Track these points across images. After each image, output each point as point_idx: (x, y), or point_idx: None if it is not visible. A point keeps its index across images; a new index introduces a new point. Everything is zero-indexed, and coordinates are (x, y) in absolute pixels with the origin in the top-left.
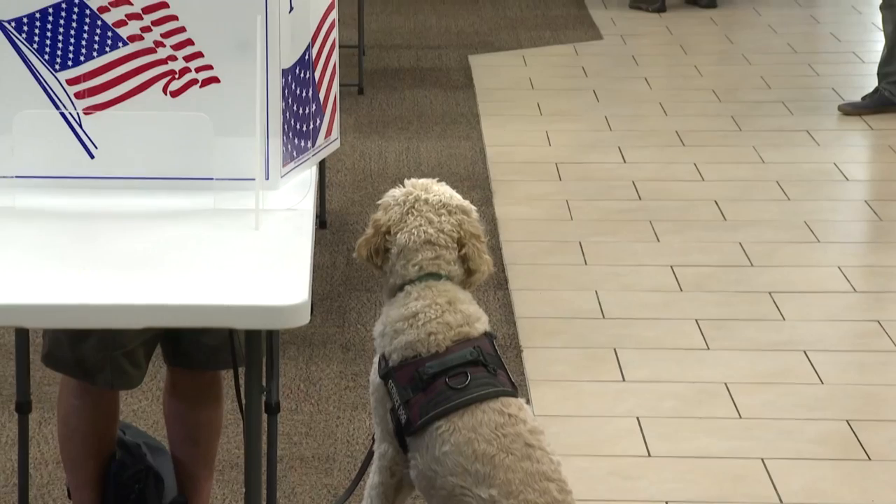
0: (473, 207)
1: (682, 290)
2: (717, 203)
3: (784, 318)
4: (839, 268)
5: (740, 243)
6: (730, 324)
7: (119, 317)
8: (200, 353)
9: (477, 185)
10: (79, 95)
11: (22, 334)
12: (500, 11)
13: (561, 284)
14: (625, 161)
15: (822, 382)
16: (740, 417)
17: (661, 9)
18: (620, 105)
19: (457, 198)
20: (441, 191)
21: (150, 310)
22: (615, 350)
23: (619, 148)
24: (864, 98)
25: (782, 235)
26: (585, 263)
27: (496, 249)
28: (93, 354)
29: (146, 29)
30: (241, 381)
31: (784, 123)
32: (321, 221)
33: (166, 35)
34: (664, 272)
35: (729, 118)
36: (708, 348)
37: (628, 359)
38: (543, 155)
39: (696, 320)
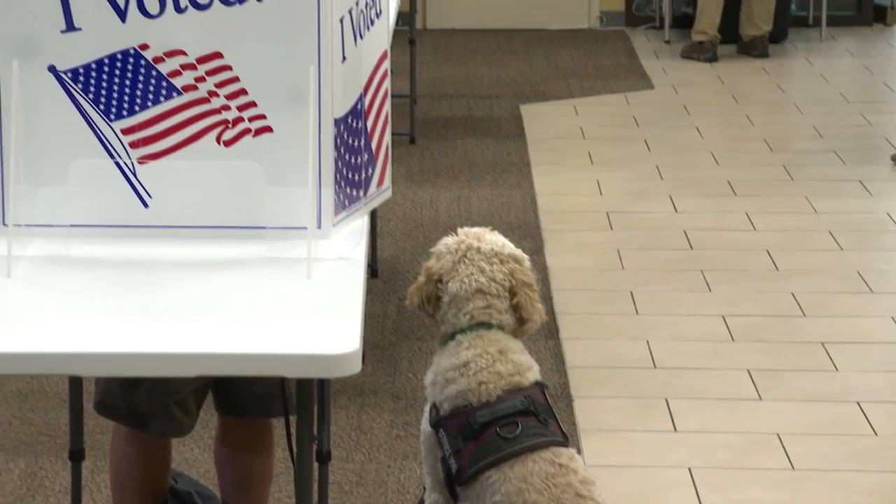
0: (526, 256)
1: (733, 340)
2: (768, 252)
3: (837, 369)
4: (892, 318)
5: (792, 293)
6: (782, 374)
7: (171, 365)
8: (251, 401)
9: (528, 233)
10: (133, 145)
11: (75, 382)
12: (552, 61)
13: (612, 334)
14: (676, 210)
15: (876, 434)
16: (793, 469)
17: (713, 58)
18: (672, 154)
19: (509, 246)
20: (493, 239)
21: (203, 358)
22: (666, 400)
23: (671, 197)
24: None
25: (835, 285)
26: (637, 313)
27: (547, 298)
28: (144, 402)
29: (200, 79)
30: (293, 430)
31: (836, 173)
32: (372, 270)
33: (220, 85)
34: (716, 321)
35: (781, 167)
36: (760, 398)
37: (680, 408)
38: (594, 204)
39: (748, 370)
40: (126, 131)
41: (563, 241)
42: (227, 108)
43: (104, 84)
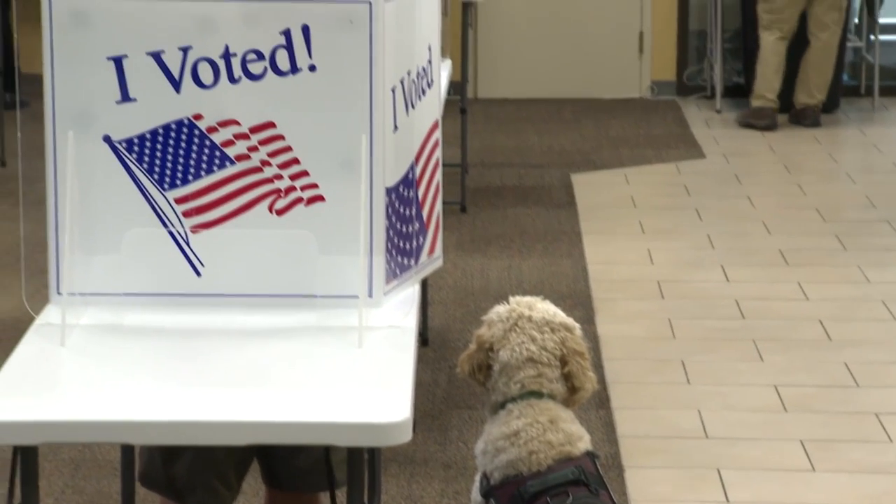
0: (577, 325)
1: (786, 410)
2: (821, 322)
3: (891, 440)
4: None
5: (845, 363)
6: (835, 445)
7: (223, 433)
8: (294, 475)
9: (579, 302)
10: (186, 214)
11: (127, 451)
12: (603, 130)
13: (663, 403)
14: (728, 279)
15: None
16: None
17: (772, 126)
18: (723, 223)
19: (560, 315)
20: (544, 308)
21: (254, 426)
22: (718, 470)
23: (722, 266)
24: None
25: (888, 355)
26: (688, 382)
27: (598, 367)
28: (185, 475)
29: (253, 149)
30: (342, 501)
31: (889, 243)
32: (423, 339)
33: (273, 154)
34: (768, 391)
35: (833, 237)
36: (813, 469)
37: (732, 479)
38: (645, 273)
39: (801, 441)
40: (179, 200)
41: (615, 310)
42: (279, 177)
43: (158, 154)
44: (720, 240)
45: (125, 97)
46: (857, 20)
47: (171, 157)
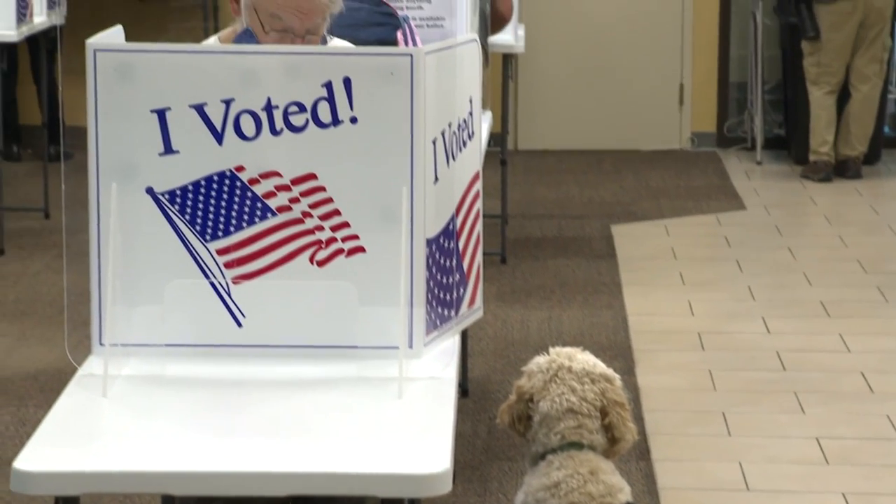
0: (617, 375)
1: (828, 463)
2: (863, 374)
3: None
4: None
5: (888, 415)
6: (878, 498)
7: (264, 484)
8: None
9: (619, 354)
10: (228, 265)
11: (168, 502)
12: (643, 182)
13: (704, 455)
14: (769, 331)
15: None
16: None
17: (827, 178)
18: (764, 275)
19: (600, 366)
20: (585, 359)
21: (294, 477)
22: None
23: (763, 318)
24: None
25: None
26: (729, 434)
27: (639, 419)
28: None
29: (294, 200)
30: None
31: None
32: (463, 390)
33: (314, 206)
34: (810, 444)
35: (875, 289)
36: None
37: None
38: (686, 324)
39: (843, 494)
40: (221, 252)
41: (655, 361)
42: (320, 228)
43: (200, 205)
44: (761, 291)
45: (168, 149)
46: None
47: (213, 209)
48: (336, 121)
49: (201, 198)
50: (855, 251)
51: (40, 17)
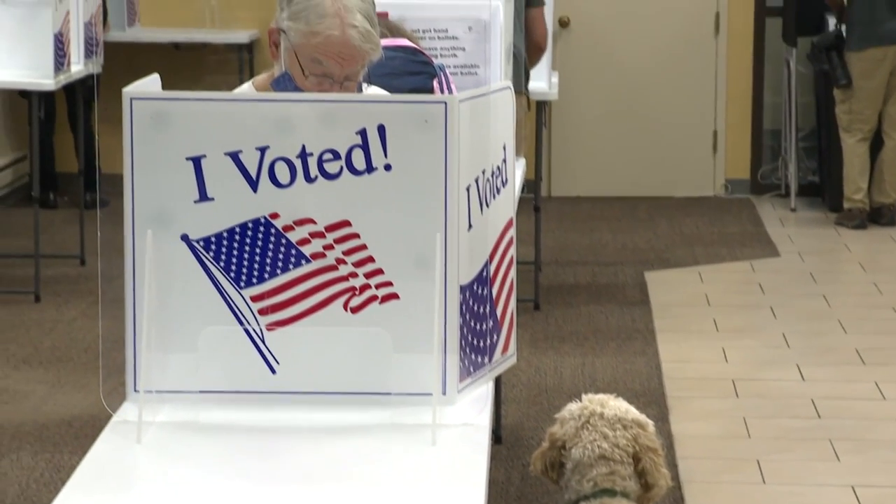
0: (650, 421)
1: None
2: None
3: None
4: None
5: None
6: None
7: None
8: None
9: (653, 401)
10: (262, 312)
11: None
12: (676, 228)
13: (739, 503)
14: (803, 378)
15: None
16: None
17: (861, 226)
18: (798, 322)
19: (633, 412)
20: (617, 405)
21: None
22: None
23: (798, 365)
24: None
25: None
26: (763, 482)
27: (672, 466)
28: None
29: (329, 247)
30: None
31: None
32: (497, 436)
33: (348, 252)
34: (845, 492)
35: None
36: None
37: None
38: (720, 371)
39: None
40: (255, 298)
41: (689, 408)
42: (354, 275)
43: (235, 252)
44: (795, 338)
45: (203, 196)
46: None
47: (248, 256)
48: (370, 168)
49: (236, 245)
50: (890, 298)
51: (78, 66)
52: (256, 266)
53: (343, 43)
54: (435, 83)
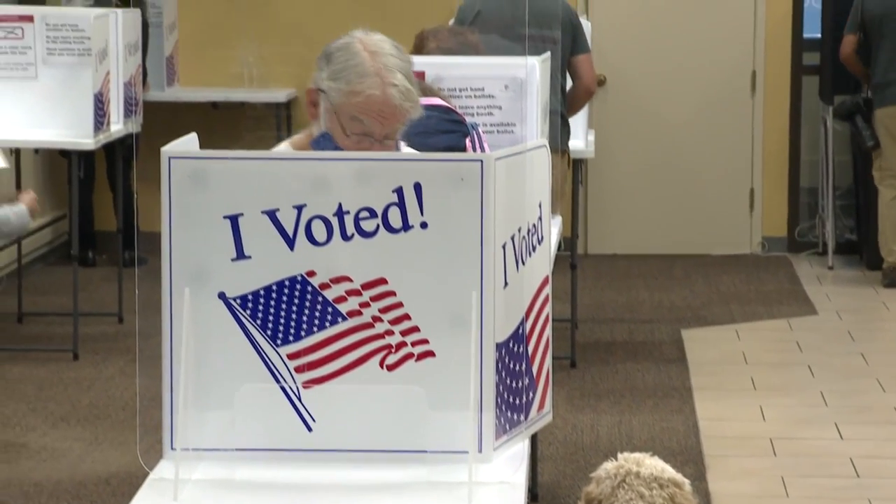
0: (686, 480)
1: None
2: None
3: None
4: None
5: None
6: None
7: None
8: None
9: (690, 459)
10: (298, 370)
11: None
12: (713, 286)
13: None
14: (841, 437)
15: None
16: None
17: (892, 284)
18: (836, 380)
19: (669, 471)
20: (653, 464)
21: None
22: None
23: (836, 424)
24: None
25: None
26: None
27: None
28: None
29: (365, 304)
30: None
31: None
32: (533, 494)
33: (384, 310)
34: None
35: None
36: None
37: None
38: (757, 430)
39: None
40: (292, 356)
41: (726, 467)
42: (390, 332)
43: (272, 310)
44: (833, 397)
45: (240, 255)
46: None
47: (285, 314)
48: (406, 226)
49: (273, 302)
50: None
51: (117, 126)
52: (293, 324)
53: (384, 102)
54: (468, 141)
